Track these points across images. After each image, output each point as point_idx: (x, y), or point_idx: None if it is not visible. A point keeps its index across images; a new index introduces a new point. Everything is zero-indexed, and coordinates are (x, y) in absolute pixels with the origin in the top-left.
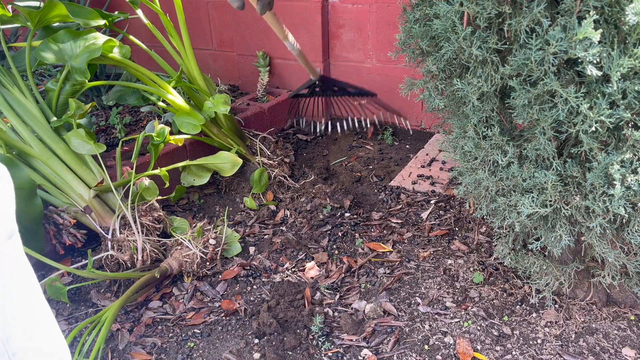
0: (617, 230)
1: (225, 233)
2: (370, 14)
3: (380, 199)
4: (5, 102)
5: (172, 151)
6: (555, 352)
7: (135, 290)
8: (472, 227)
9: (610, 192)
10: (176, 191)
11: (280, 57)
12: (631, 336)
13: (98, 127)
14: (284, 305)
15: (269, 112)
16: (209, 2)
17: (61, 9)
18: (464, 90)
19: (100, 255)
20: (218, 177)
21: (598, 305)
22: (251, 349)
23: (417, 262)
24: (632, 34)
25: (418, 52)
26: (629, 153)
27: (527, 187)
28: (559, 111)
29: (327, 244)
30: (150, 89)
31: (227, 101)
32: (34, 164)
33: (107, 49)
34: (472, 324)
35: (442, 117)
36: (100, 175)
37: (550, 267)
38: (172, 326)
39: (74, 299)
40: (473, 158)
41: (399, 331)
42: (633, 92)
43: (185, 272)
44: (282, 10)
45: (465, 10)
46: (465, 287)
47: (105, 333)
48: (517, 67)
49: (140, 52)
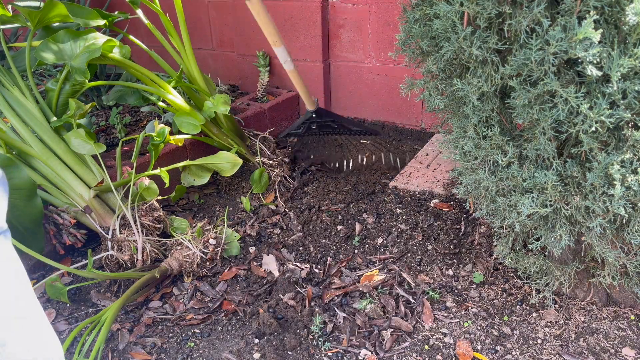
0: (617, 230)
1: (225, 233)
2: (370, 13)
3: (380, 199)
4: (5, 102)
5: (172, 151)
6: (555, 352)
7: (135, 290)
8: (473, 228)
9: (611, 192)
10: (176, 191)
11: None
12: (631, 336)
13: (98, 127)
14: (284, 305)
15: (269, 112)
16: (209, 2)
17: (61, 9)
18: (464, 90)
19: (100, 255)
20: (218, 177)
21: (598, 305)
22: (251, 349)
23: (417, 263)
24: (632, 34)
25: (418, 52)
26: (629, 153)
27: (527, 187)
28: (559, 111)
29: (327, 244)
30: (150, 89)
31: (227, 101)
32: (34, 164)
33: (107, 49)
34: (472, 324)
35: (442, 117)
36: (100, 175)
37: (550, 267)
38: (172, 326)
39: (74, 299)
40: (473, 158)
41: (399, 331)
42: (633, 92)
43: (186, 272)
44: (282, 10)
45: (465, 10)
46: (466, 287)
47: (105, 333)
48: (517, 67)
49: (140, 52)
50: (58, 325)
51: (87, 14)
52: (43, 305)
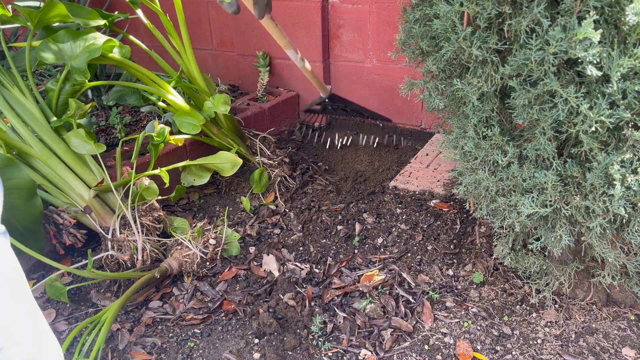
0: (617, 230)
1: (225, 233)
2: (370, 14)
3: (380, 199)
4: (5, 102)
5: (172, 151)
6: (555, 352)
7: (135, 290)
8: (473, 228)
9: (610, 192)
10: (176, 191)
11: (280, 57)
12: (631, 336)
13: (98, 127)
14: (284, 305)
15: (269, 112)
16: (209, 2)
17: (61, 9)
18: (464, 90)
19: (100, 255)
20: (218, 177)
21: (598, 305)
22: (251, 349)
23: (417, 263)
24: (632, 34)
25: (418, 52)
26: (629, 153)
27: (527, 187)
28: (559, 111)
29: (327, 244)
30: (150, 89)
31: (227, 101)
32: (34, 164)
33: (107, 49)
34: (472, 324)
35: (442, 117)
36: (100, 175)
37: (550, 267)
38: (172, 326)
39: (74, 299)
40: (473, 158)
41: (399, 331)
42: (633, 92)
43: (185, 272)
44: (282, 11)
45: (465, 10)
46: (465, 287)
47: (106, 333)
48: (517, 67)
49: (140, 52)
50: (58, 325)
51: (87, 14)
52: (43, 305)
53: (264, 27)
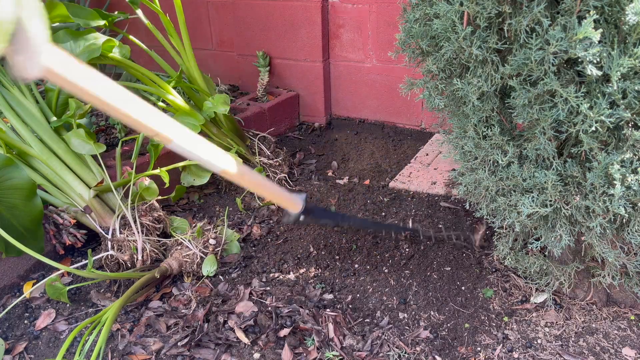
0: (617, 230)
1: (225, 233)
2: (370, 13)
3: (380, 199)
4: (5, 102)
5: (172, 151)
6: (555, 352)
7: (135, 290)
8: (473, 228)
9: (611, 192)
10: (176, 191)
11: (280, 57)
12: (631, 336)
13: (98, 127)
14: (284, 305)
15: (269, 112)
16: (209, 2)
17: (61, 9)
18: (464, 90)
19: (100, 255)
20: (218, 177)
21: (598, 305)
22: (251, 349)
23: (417, 264)
24: (632, 34)
25: (418, 52)
26: (629, 153)
27: (527, 187)
28: (559, 111)
29: (327, 243)
30: (150, 89)
31: (227, 101)
32: (34, 164)
33: (107, 49)
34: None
35: (442, 117)
36: (100, 175)
37: (550, 267)
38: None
39: (74, 299)
40: (473, 158)
41: (399, 330)
42: (633, 92)
43: (185, 272)
44: (282, 10)
45: (465, 10)
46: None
47: (106, 334)
48: (517, 66)
49: (140, 52)
50: (58, 325)
51: (87, 14)
52: (43, 305)
53: (264, 27)
